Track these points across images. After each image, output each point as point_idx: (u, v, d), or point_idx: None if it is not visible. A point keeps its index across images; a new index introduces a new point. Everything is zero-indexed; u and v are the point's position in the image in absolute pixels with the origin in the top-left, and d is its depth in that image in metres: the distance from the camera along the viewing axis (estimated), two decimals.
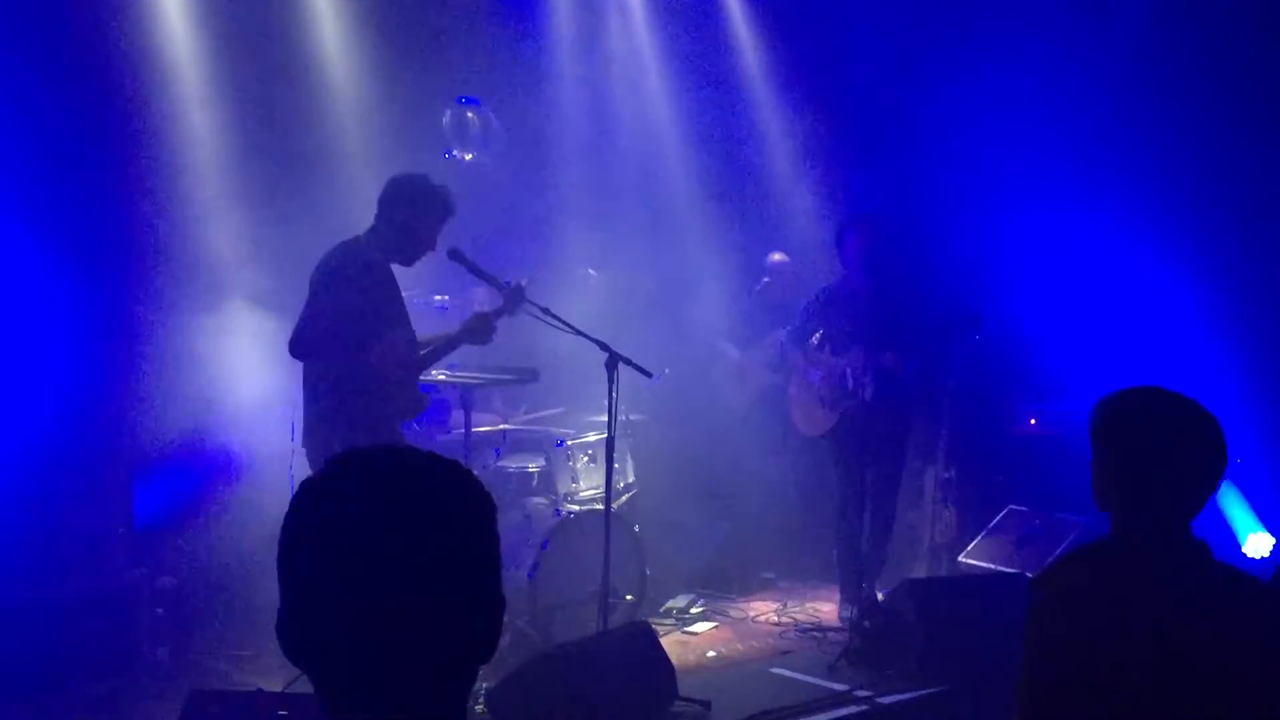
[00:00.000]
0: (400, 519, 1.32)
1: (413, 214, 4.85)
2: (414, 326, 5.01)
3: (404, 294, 5.04)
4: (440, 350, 5.05)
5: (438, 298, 5.99)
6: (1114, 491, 2.40)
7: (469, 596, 1.35)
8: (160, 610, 5.63)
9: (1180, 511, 2.36)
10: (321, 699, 1.34)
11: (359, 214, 5.00)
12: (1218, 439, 2.36)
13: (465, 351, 5.92)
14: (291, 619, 1.34)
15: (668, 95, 8.14)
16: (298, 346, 4.66)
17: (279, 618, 1.36)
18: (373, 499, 1.33)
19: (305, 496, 1.36)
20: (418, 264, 5.04)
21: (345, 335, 4.63)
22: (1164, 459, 2.35)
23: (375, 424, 4.72)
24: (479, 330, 5.01)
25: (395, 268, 4.94)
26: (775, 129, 8.28)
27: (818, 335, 6.51)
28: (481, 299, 6.01)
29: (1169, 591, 2.30)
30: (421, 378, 5.21)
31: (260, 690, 4.46)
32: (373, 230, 4.87)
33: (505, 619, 1.43)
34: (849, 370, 6.33)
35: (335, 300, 4.63)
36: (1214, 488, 2.38)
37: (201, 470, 6.02)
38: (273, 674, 5.06)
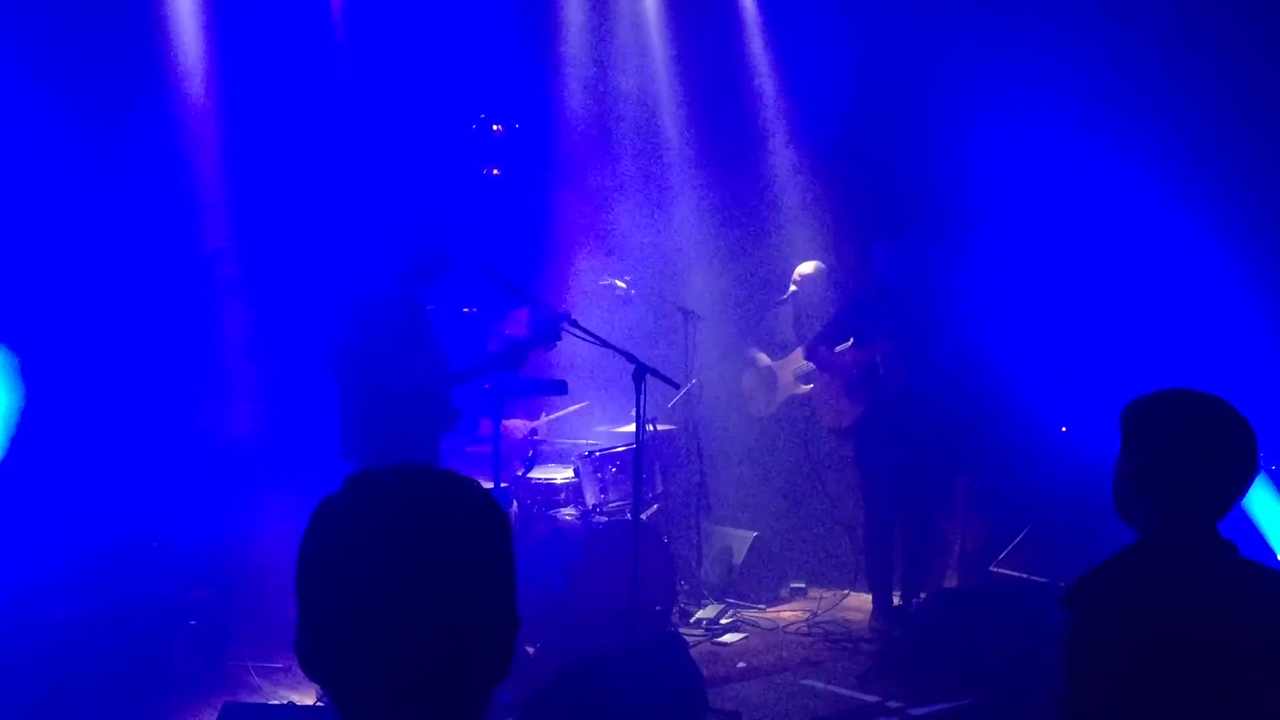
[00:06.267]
0: (415, 538, 1.32)
1: (427, 234, 4.90)
2: (445, 336, 5.06)
3: (429, 307, 5.10)
4: (472, 373, 5.02)
5: (465, 310, 6.02)
6: (1143, 496, 2.37)
7: (483, 616, 1.35)
8: (193, 622, 5.68)
9: (1211, 515, 2.35)
10: (338, 715, 1.35)
11: None
12: (1250, 443, 2.34)
13: None
14: (308, 635, 1.36)
15: (681, 122, 8.12)
16: (336, 369, 4.80)
17: (297, 633, 1.37)
18: (388, 518, 1.34)
19: (323, 515, 1.38)
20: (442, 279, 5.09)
21: (370, 359, 4.72)
22: (1195, 463, 2.33)
23: (410, 437, 4.80)
24: (513, 357, 4.99)
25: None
26: (791, 141, 8.23)
27: (848, 343, 6.52)
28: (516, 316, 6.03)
29: (1202, 593, 2.28)
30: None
31: (292, 703, 4.49)
32: (387, 258, 4.90)
33: (536, 631, 1.45)
34: (879, 358, 6.35)
35: (353, 332, 4.75)
36: (1244, 491, 2.36)
37: (240, 483, 6.06)
38: (305, 687, 5.08)
